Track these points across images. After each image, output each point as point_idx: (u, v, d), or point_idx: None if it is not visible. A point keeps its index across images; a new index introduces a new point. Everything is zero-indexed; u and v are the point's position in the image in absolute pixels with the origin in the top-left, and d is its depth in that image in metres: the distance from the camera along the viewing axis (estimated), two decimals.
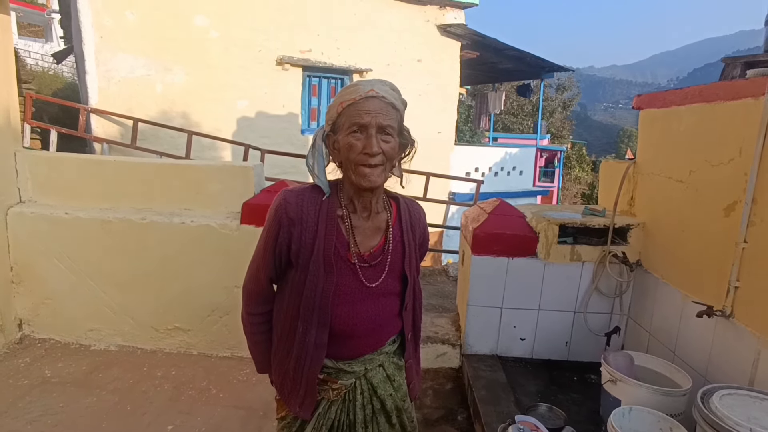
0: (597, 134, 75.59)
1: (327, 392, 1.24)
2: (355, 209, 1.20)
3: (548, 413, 2.16)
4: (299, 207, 1.17)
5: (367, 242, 1.21)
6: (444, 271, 4.97)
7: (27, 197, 3.04)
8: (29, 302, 3.02)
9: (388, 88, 1.15)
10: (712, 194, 1.95)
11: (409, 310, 1.31)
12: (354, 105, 1.11)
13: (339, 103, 1.14)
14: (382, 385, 1.28)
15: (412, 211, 1.30)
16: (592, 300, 2.58)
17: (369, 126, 1.10)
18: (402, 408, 1.32)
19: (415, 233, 1.30)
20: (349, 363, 1.24)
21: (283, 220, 1.17)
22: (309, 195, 1.19)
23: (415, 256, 1.29)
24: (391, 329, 1.29)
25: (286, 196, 1.18)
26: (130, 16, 7.23)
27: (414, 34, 9.23)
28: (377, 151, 1.10)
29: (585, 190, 24.70)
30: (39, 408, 2.38)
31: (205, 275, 2.90)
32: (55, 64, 16.99)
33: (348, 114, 1.11)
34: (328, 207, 1.19)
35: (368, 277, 1.20)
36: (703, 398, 1.48)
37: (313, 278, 1.16)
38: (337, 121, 1.15)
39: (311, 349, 1.19)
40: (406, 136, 1.20)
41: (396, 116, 1.15)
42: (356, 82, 1.15)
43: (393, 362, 1.31)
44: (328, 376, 1.23)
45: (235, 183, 2.98)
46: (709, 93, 2.00)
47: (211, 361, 2.93)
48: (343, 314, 1.19)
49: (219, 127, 7.94)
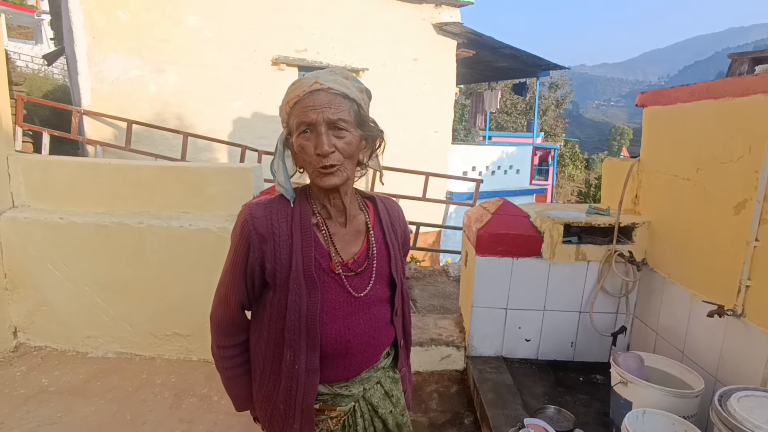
0: (589, 132, 76.04)
1: (326, 422, 1.13)
2: (330, 215, 1.09)
3: (557, 416, 2.13)
4: (268, 220, 1.05)
5: (349, 248, 1.11)
6: (444, 272, 4.93)
7: (20, 202, 2.97)
8: (24, 309, 2.95)
9: (338, 77, 1.02)
10: (721, 192, 1.93)
11: (399, 315, 1.22)
12: (300, 102, 0.99)
13: (286, 102, 1.03)
14: (382, 404, 1.20)
15: (390, 210, 1.21)
16: (598, 300, 2.56)
17: (316, 123, 0.98)
18: (402, 424, 1.25)
19: (397, 232, 1.21)
20: (345, 385, 1.13)
21: (252, 237, 1.05)
22: (277, 206, 1.08)
23: (400, 257, 1.21)
24: (384, 339, 1.19)
25: (252, 210, 1.06)
26: (123, 16, 7.14)
27: (410, 33, 9.20)
28: (329, 150, 0.98)
29: (581, 188, 24.83)
30: (37, 418, 2.33)
31: (203, 279, 2.82)
32: (46, 66, 16.78)
33: (296, 113, 1.00)
34: (301, 216, 1.07)
35: (355, 287, 1.10)
36: (721, 400, 1.45)
37: (296, 297, 1.04)
38: (289, 122, 1.03)
39: (303, 376, 1.07)
40: (372, 127, 1.07)
41: (349, 107, 1.01)
42: (302, 77, 1.02)
43: (389, 376, 1.23)
44: (324, 405, 1.12)
45: (233, 185, 2.93)
46: (717, 89, 1.97)
47: (211, 367, 2.85)
48: (334, 332, 1.08)
49: (214, 128, 7.87)
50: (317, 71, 1.03)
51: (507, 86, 17.86)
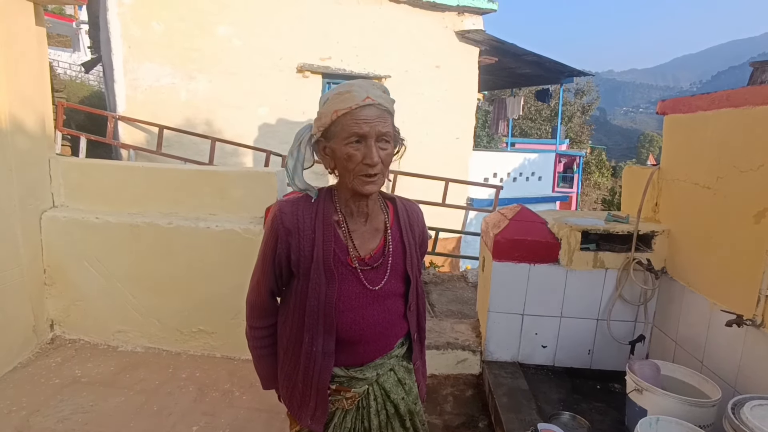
0: (617, 139, 74.37)
1: (341, 402, 1.23)
2: (352, 213, 1.19)
3: (571, 422, 2.14)
4: (295, 216, 1.16)
5: (367, 245, 1.20)
6: (463, 277, 4.94)
7: (60, 202, 3.15)
8: (61, 304, 3.12)
9: (381, 92, 1.12)
10: (741, 201, 1.92)
11: (413, 310, 1.30)
12: (350, 114, 1.07)
13: (333, 111, 1.09)
14: (395, 390, 1.28)
15: (410, 211, 1.30)
16: (616, 307, 2.55)
17: (368, 136, 1.07)
18: (414, 411, 1.32)
19: (414, 233, 1.29)
20: (360, 370, 1.22)
21: (280, 230, 1.16)
22: (303, 203, 1.19)
23: (416, 255, 1.28)
24: (398, 331, 1.28)
25: (281, 206, 1.18)
26: (157, 26, 7.45)
27: (432, 41, 9.26)
28: (377, 161, 1.09)
29: (605, 196, 24.30)
30: (70, 407, 2.46)
31: (228, 279, 2.95)
32: (82, 73, 17.55)
33: (344, 123, 1.08)
34: (324, 213, 1.17)
35: (371, 280, 1.19)
36: (734, 409, 1.45)
37: (315, 286, 1.15)
38: (330, 128, 1.11)
39: (319, 358, 1.18)
40: (398, 137, 1.18)
41: (391, 121, 1.13)
42: (348, 88, 1.10)
43: (403, 366, 1.31)
44: (340, 386, 1.22)
45: (258, 188, 3.04)
46: (737, 98, 1.96)
47: (234, 363, 2.98)
48: (349, 321, 1.18)
49: (241, 134, 8.10)
50: (362, 84, 1.12)
51: (530, 93, 17.69)
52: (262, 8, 8.04)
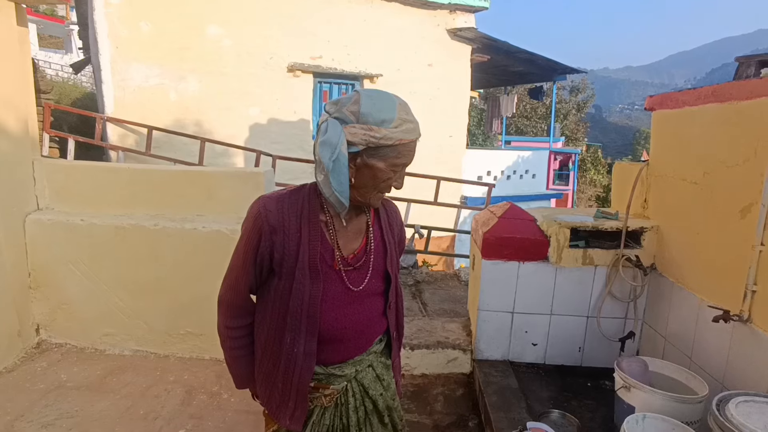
0: (612, 136, 74.61)
1: (320, 399, 1.22)
2: (338, 213, 1.18)
3: (561, 420, 2.13)
4: (280, 213, 1.14)
5: (350, 245, 1.20)
6: (456, 276, 4.93)
7: (44, 204, 3.11)
8: (46, 307, 3.08)
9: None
10: (728, 196, 1.91)
11: (392, 308, 1.31)
12: (403, 145, 1.07)
13: (398, 139, 1.05)
14: (373, 386, 1.28)
15: (389, 211, 1.31)
16: (606, 304, 2.54)
17: (404, 166, 1.11)
18: (392, 407, 1.33)
19: (394, 231, 1.30)
20: (339, 367, 1.22)
21: (264, 227, 1.13)
22: (288, 201, 1.16)
23: (395, 254, 1.30)
24: (377, 329, 1.28)
25: (266, 203, 1.15)
26: (145, 26, 7.37)
27: (424, 39, 9.23)
28: None
29: (600, 193, 24.38)
30: (54, 412, 2.42)
31: (216, 280, 2.87)
32: (74, 75, 17.41)
33: (399, 150, 1.07)
34: (310, 212, 1.16)
35: (353, 281, 1.19)
36: (719, 405, 1.43)
37: (300, 286, 1.13)
38: (382, 149, 1.07)
39: (301, 359, 1.16)
40: None
41: None
42: (409, 117, 1.08)
43: (381, 362, 1.32)
44: (319, 383, 1.21)
45: (245, 189, 3.01)
46: (722, 93, 1.95)
47: (222, 365, 2.93)
48: (331, 320, 1.17)
49: (232, 134, 8.04)
50: (410, 115, 1.08)
51: (524, 91, 17.70)
52: (251, 7, 7.98)
